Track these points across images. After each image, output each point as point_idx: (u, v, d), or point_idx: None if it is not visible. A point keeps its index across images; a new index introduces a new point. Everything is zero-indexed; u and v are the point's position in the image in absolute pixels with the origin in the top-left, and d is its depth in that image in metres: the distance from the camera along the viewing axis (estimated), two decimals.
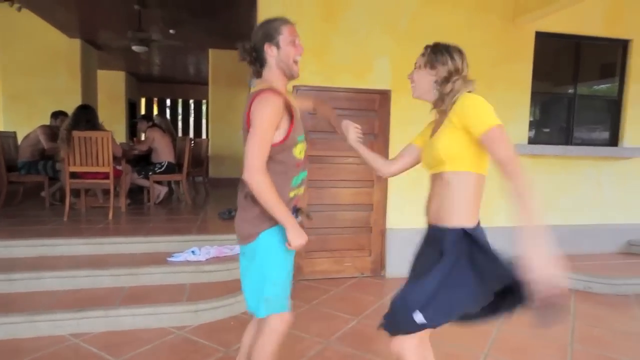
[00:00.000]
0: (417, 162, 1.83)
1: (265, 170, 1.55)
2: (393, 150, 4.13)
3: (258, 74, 1.73)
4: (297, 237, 1.61)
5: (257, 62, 1.69)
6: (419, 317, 1.45)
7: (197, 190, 7.17)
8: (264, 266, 1.68)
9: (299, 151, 1.73)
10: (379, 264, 4.28)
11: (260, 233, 1.66)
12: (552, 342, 2.88)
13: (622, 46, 4.69)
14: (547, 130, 4.69)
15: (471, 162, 1.51)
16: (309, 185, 4.04)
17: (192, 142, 6.82)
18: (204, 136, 13.03)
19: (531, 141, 4.51)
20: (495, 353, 2.73)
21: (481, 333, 2.98)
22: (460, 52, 1.61)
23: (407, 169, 1.89)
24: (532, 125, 4.57)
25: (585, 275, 4.00)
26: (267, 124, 1.54)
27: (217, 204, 5.67)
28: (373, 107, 4.13)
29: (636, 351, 2.81)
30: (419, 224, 4.62)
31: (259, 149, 1.53)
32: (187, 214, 5.03)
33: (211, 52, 8.38)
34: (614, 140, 4.82)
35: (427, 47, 1.65)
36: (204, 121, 13.67)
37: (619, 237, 4.84)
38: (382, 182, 4.19)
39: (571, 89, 4.72)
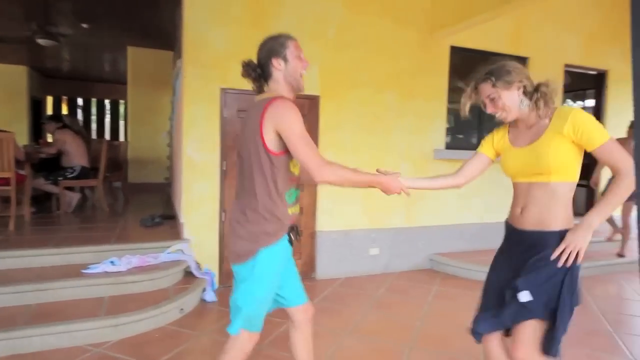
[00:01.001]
0: (483, 172, 1.94)
1: (327, 160, 1.55)
2: (322, 155, 4.20)
3: (260, 89, 1.74)
4: (394, 186, 1.70)
5: (262, 77, 1.71)
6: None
7: (115, 197, 6.68)
8: (255, 282, 1.63)
9: (294, 165, 1.71)
10: (310, 267, 4.32)
11: (259, 250, 1.61)
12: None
13: (522, 63, 5.25)
14: (461, 136, 5.09)
15: (574, 172, 1.60)
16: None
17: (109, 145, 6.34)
18: (122, 139, 12.17)
19: (448, 146, 4.87)
20: (420, 345, 2.89)
21: (406, 327, 3.15)
22: (510, 63, 1.68)
23: (474, 178, 1.94)
24: (449, 132, 4.94)
25: None
26: (300, 124, 1.55)
27: (138, 210, 5.33)
28: (302, 112, 4.11)
29: None
30: (348, 226, 4.77)
31: (310, 147, 1.53)
32: (104, 222, 4.66)
33: (130, 50, 7.89)
34: None
35: (486, 75, 1.67)
36: (121, 123, 12.77)
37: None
38: (311, 185, 4.25)
39: (481, 100, 5.17)
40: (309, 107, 4.20)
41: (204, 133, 3.81)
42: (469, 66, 5.02)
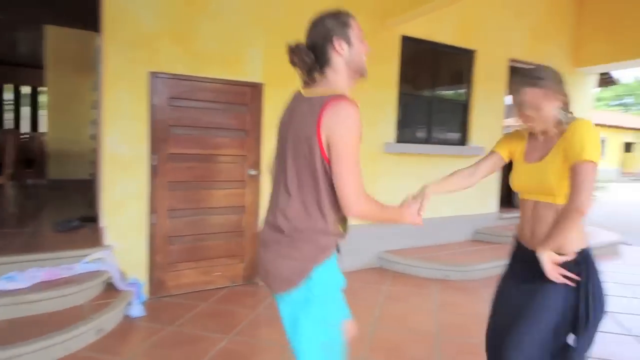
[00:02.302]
0: (495, 172, 1.80)
1: (365, 191, 1.30)
2: (266, 148, 3.86)
3: (312, 80, 1.41)
4: (413, 219, 1.54)
5: (317, 64, 1.39)
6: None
7: (28, 196, 5.87)
8: (321, 306, 1.35)
9: None
10: (253, 271, 3.98)
11: (314, 268, 1.33)
12: (421, 336, 2.96)
13: (469, 55, 5.23)
14: (411, 130, 4.96)
15: None
16: (171, 187, 3.54)
17: (22, 136, 5.55)
18: (43, 130, 10.95)
19: (398, 140, 4.71)
20: (374, 355, 2.67)
21: (357, 335, 2.92)
22: (556, 71, 1.53)
23: (485, 177, 1.79)
24: (399, 125, 4.78)
25: (443, 265, 4.33)
26: (358, 141, 1.29)
27: (56, 212, 4.67)
28: (244, 101, 3.80)
29: None
30: None
31: (358, 173, 1.29)
32: (9, 227, 3.98)
33: (49, 30, 6.98)
34: (463, 140, 5.35)
35: (533, 79, 1.48)
36: (44, 113, 11.49)
37: (468, 226, 5.40)
38: (254, 182, 3.90)
39: (430, 92, 5.08)
40: (251, 95, 3.82)
41: (128, 123, 3.32)
42: (420, 57, 4.99)
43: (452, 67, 5.26)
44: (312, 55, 1.38)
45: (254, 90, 3.82)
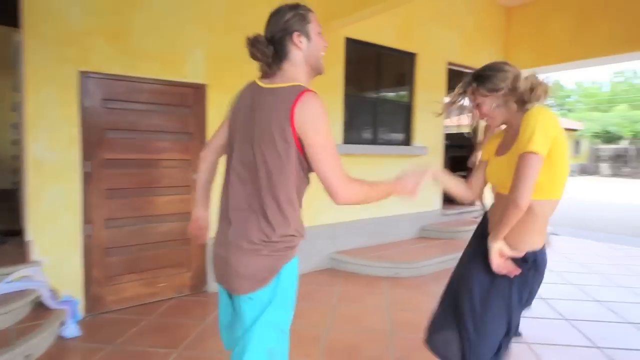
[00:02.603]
0: None
1: (350, 176, 1.31)
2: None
3: (270, 73, 1.39)
4: (407, 187, 1.53)
5: (277, 56, 1.37)
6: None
7: None
8: (279, 308, 1.33)
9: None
10: (200, 280, 3.81)
11: (283, 266, 1.33)
12: (376, 335, 2.98)
13: (411, 58, 5.39)
14: (357, 131, 5.02)
15: (547, 190, 1.43)
16: (109, 196, 3.30)
17: None
18: None
19: (345, 141, 4.75)
20: (327, 357, 2.65)
21: (312, 338, 2.88)
22: (495, 65, 1.53)
23: (485, 185, 1.76)
24: (345, 126, 4.81)
25: (393, 263, 4.42)
26: (330, 131, 1.29)
27: None
28: (186, 103, 3.63)
29: None
30: None
31: (338, 162, 1.29)
32: None
33: None
34: (407, 140, 5.51)
35: (470, 80, 1.53)
36: None
37: (414, 224, 5.57)
38: None
39: (375, 94, 5.18)
40: (194, 97, 3.66)
41: (56, 127, 3.04)
42: (364, 59, 5.06)
43: (395, 70, 5.40)
44: (271, 48, 1.36)
45: (197, 92, 3.67)
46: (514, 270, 1.45)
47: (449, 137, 6.37)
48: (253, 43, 1.36)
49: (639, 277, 4.47)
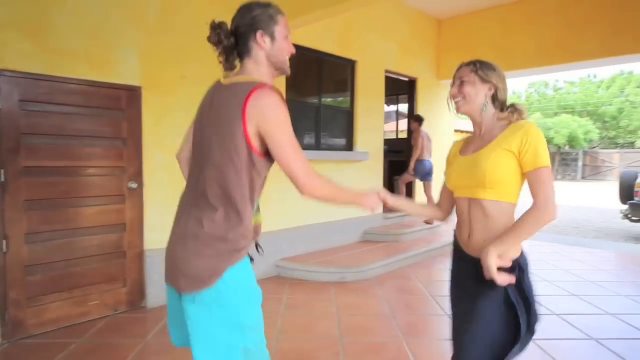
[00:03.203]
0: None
1: (316, 171, 1.30)
2: (148, 158, 3.50)
3: (230, 67, 1.38)
4: (372, 202, 1.52)
5: (236, 50, 1.37)
6: None
7: None
8: (237, 310, 1.28)
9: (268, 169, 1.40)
10: (138, 294, 3.55)
11: (228, 268, 1.27)
12: (326, 342, 2.96)
13: (351, 65, 5.50)
14: (299, 136, 5.00)
15: (513, 192, 1.43)
16: (28, 207, 2.97)
17: None
18: None
19: None
20: None
21: None
22: (498, 67, 1.56)
23: (453, 205, 1.67)
24: None
25: (339, 267, 4.44)
26: (290, 124, 1.28)
27: None
28: (119, 106, 3.39)
29: (388, 329, 3.20)
30: None
31: (300, 154, 1.28)
32: None
33: None
34: (349, 145, 5.60)
35: (474, 61, 1.55)
36: None
37: (358, 228, 5.66)
38: (136, 196, 3.50)
39: (317, 100, 5.20)
40: (127, 99, 3.43)
41: None
42: (306, 64, 5.08)
43: (336, 76, 5.47)
44: (232, 40, 1.36)
45: (131, 94, 3.44)
46: (511, 279, 1.37)
47: (387, 142, 6.59)
48: (215, 27, 1.34)
49: (562, 271, 4.89)
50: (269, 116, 1.24)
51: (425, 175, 6.07)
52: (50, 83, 3.03)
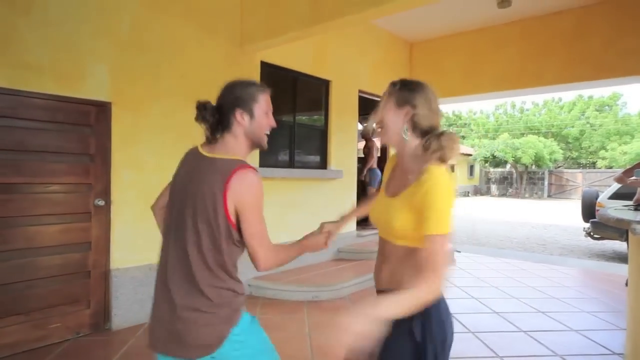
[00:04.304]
0: None
1: (273, 246, 1.42)
2: (117, 175, 3.43)
3: (213, 139, 1.46)
4: (320, 243, 1.62)
5: (220, 125, 1.45)
6: None
7: None
8: (254, 357, 1.42)
9: None
10: (102, 316, 3.42)
11: (232, 329, 1.36)
12: None
13: (325, 85, 5.59)
14: (274, 154, 5.01)
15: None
16: None
17: None
18: None
19: (261, 164, 4.70)
20: None
21: None
22: (429, 88, 1.34)
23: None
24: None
25: (313, 286, 4.41)
26: (262, 205, 1.40)
27: None
28: (87, 122, 3.32)
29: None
30: (152, 259, 4.02)
31: (266, 235, 1.40)
32: None
33: None
34: (323, 163, 5.64)
35: (396, 81, 1.36)
36: None
37: (331, 246, 5.64)
38: (103, 213, 3.40)
39: (291, 118, 5.24)
40: (96, 115, 3.36)
41: None
42: (280, 83, 5.12)
43: (310, 95, 5.54)
44: (217, 116, 1.44)
45: (100, 110, 3.38)
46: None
47: (360, 160, 6.67)
48: (200, 107, 1.43)
49: (528, 288, 5.01)
50: (247, 198, 1.34)
51: (380, 182, 6.21)
52: (14, 97, 2.94)
